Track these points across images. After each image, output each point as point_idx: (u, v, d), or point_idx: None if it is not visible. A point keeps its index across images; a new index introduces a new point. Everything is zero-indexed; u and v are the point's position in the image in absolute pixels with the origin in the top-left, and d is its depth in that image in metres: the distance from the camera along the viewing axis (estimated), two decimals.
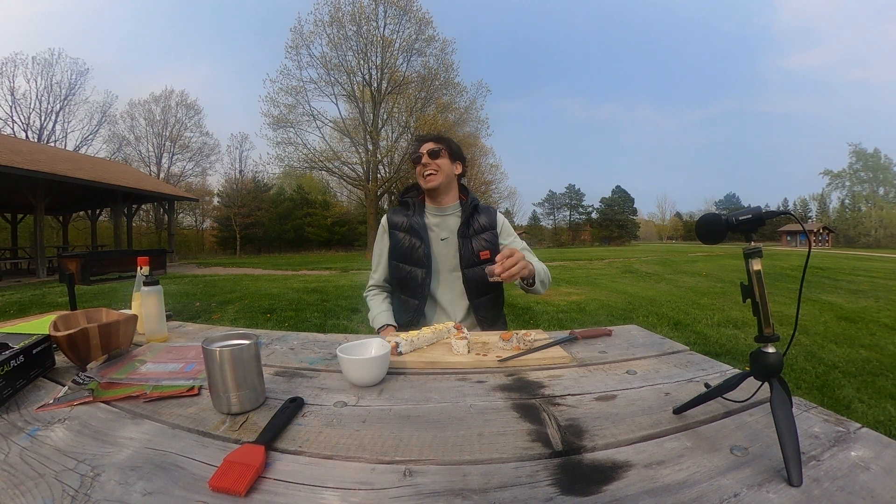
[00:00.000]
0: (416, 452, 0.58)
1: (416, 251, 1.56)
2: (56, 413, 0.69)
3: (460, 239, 1.57)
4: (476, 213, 1.61)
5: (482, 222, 1.60)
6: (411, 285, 1.58)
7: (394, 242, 1.61)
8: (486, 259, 1.54)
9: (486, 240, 1.58)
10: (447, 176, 1.57)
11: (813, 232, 48.53)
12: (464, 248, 1.56)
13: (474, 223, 1.59)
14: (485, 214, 1.62)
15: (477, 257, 1.55)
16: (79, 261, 9.47)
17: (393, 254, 1.62)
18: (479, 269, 1.51)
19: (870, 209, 54.91)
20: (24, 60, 31.45)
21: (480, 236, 1.58)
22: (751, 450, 0.57)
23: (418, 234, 1.56)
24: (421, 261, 1.56)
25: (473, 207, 1.61)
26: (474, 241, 1.57)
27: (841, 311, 5.48)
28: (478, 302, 1.57)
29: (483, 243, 1.57)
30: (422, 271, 1.55)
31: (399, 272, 1.60)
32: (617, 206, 69.07)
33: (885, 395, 2.67)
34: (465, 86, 26.00)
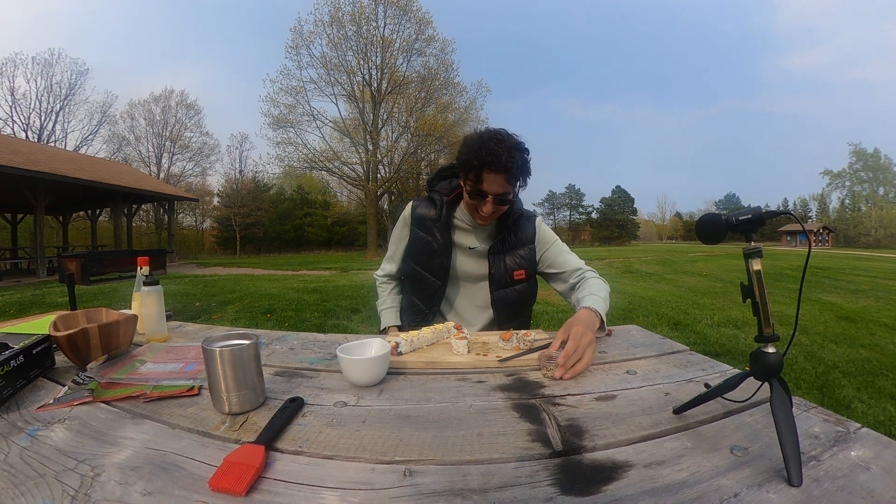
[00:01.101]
0: (416, 452, 0.58)
1: (435, 259, 1.37)
2: (56, 413, 0.69)
3: (492, 256, 1.35)
4: (516, 228, 1.37)
5: (519, 236, 1.37)
6: (423, 292, 1.42)
7: (413, 239, 1.42)
8: (520, 279, 1.36)
9: (523, 256, 1.37)
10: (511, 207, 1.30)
11: (813, 232, 48.54)
12: (495, 266, 1.35)
13: (510, 238, 1.36)
14: (525, 227, 1.38)
15: (510, 277, 1.35)
16: (79, 261, 9.47)
17: (410, 251, 1.43)
18: (512, 292, 1.36)
19: (870, 209, 54.92)
20: (24, 60, 31.47)
21: (516, 252, 1.36)
22: (751, 450, 0.57)
23: (441, 242, 1.36)
24: (438, 272, 1.38)
25: (514, 221, 1.36)
26: (508, 257, 1.35)
27: (841, 311, 5.48)
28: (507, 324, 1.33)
29: (518, 260, 1.36)
30: (437, 283, 1.38)
31: (414, 273, 1.43)
32: (617, 206, 69.08)
33: (885, 395, 2.67)
34: (465, 86, 26.03)
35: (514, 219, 1.36)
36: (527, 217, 1.40)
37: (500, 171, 1.17)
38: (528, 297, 1.42)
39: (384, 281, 1.57)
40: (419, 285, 1.43)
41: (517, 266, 1.36)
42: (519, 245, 1.36)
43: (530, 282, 1.41)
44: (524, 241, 1.37)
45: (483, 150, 1.17)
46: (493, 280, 1.36)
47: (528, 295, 1.41)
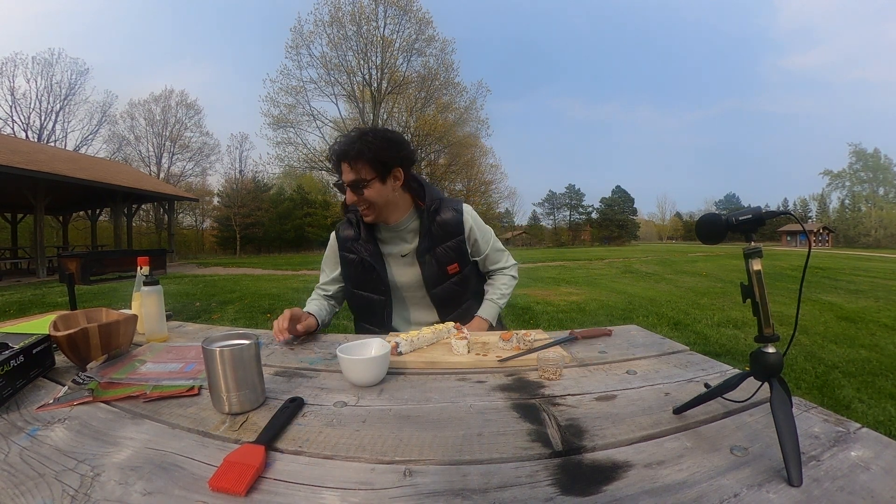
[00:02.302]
0: (416, 452, 0.58)
1: (370, 275, 1.34)
2: (56, 413, 0.69)
3: (420, 257, 1.32)
4: (437, 219, 1.32)
5: (446, 228, 1.33)
6: (372, 314, 1.39)
7: (345, 266, 1.39)
8: (454, 273, 1.34)
9: (453, 248, 1.33)
10: (386, 200, 1.25)
11: (813, 232, 48.57)
12: (426, 267, 1.33)
13: (436, 232, 1.32)
14: (448, 217, 1.33)
15: (444, 273, 1.34)
16: (79, 261, 9.47)
17: (347, 277, 1.41)
18: (449, 286, 1.35)
19: (870, 209, 54.94)
20: (24, 60, 31.49)
21: (445, 245, 1.33)
22: (751, 450, 0.57)
23: (369, 257, 1.33)
24: (377, 287, 1.35)
25: (433, 213, 1.32)
26: (439, 252, 1.32)
27: (841, 311, 5.48)
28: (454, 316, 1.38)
29: (449, 254, 1.33)
30: (380, 298, 1.36)
31: (358, 300, 1.40)
32: (617, 206, 69.09)
33: (885, 395, 2.67)
34: (465, 86, 26.08)
35: (431, 211, 1.31)
36: (451, 208, 1.35)
37: (342, 158, 1.20)
38: (466, 282, 1.40)
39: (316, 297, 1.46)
40: (365, 309, 1.41)
41: (449, 261, 1.33)
42: (446, 237, 1.33)
43: (465, 269, 1.38)
44: (451, 232, 1.33)
45: (335, 143, 1.24)
46: (427, 281, 1.34)
47: (466, 281, 1.40)
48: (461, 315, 1.40)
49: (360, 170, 1.20)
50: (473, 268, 1.45)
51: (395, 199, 1.28)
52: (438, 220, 1.32)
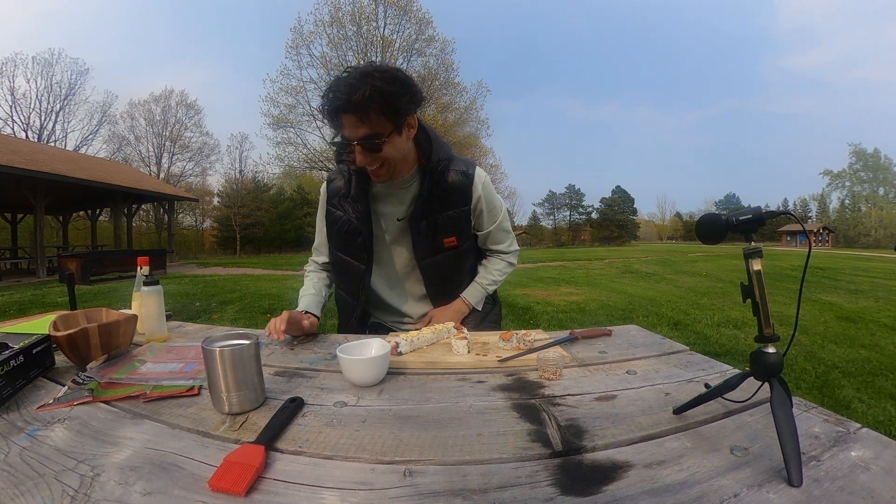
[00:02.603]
0: (416, 452, 0.58)
1: (354, 239, 1.19)
2: (56, 413, 0.69)
3: (414, 224, 1.15)
4: (442, 182, 1.12)
5: (451, 194, 1.14)
6: (348, 281, 1.25)
7: (330, 223, 1.23)
8: (451, 246, 1.18)
9: (454, 219, 1.16)
10: (403, 154, 1.08)
11: (813, 232, 48.56)
12: (420, 236, 1.16)
13: (438, 196, 1.13)
14: (455, 181, 1.13)
15: (440, 245, 1.17)
16: (79, 261, 9.47)
17: (331, 236, 1.25)
18: (442, 260, 1.19)
19: (870, 209, 54.95)
20: (24, 60, 31.51)
21: (447, 214, 1.15)
22: (751, 450, 0.57)
23: (356, 217, 1.17)
24: (359, 253, 1.19)
25: (440, 175, 1.12)
26: (438, 221, 1.15)
27: (841, 311, 5.48)
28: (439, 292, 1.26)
29: (449, 225, 1.16)
30: (360, 266, 1.21)
31: (336, 262, 1.26)
32: (617, 206, 69.10)
33: (885, 395, 2.67)
34: (465, 86, 26.03)
35: (438, 172, 1.12)
36: (461, 170, 1.15)
37: (348, 110, 0.95)
38: (462, 258, 1.27)
39: (312, 269, 1.37)
40: (343, 274, 1.26)
41: (447, 232, 1.16)
42: (449, 204, 1.15)
43: (464, 245, 1.24)
44: (457, 201, 1.15)
45: (330, 91, 0.96)
46: (418, 251, 1.18)
47: (461, 256, 1.26)
48: (450, 292, 1.30)
49: (373, 122, 0.97)
50: (473, 243, 1.30)
51: (408, 151, 1.08)
52: (444, 185, 1.13)
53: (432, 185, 1.12)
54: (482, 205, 1.21)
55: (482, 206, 1.21)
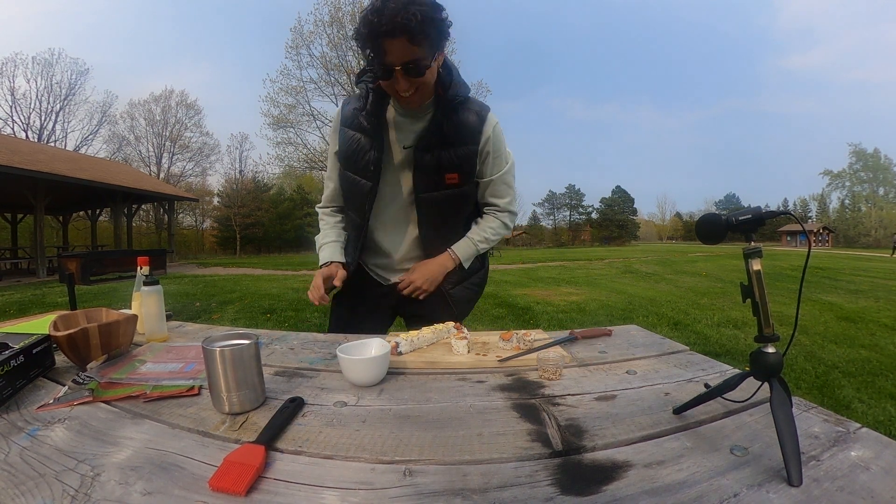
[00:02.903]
0: (416, 452, 0.58)
1: (364, 156, 1.18)
2: (56, 413, 0.69)
3: (419, 153, 1.15)
4: (454, 118, 1.14)
5: (460, 131, 1.14)
6: (355, 199, 1.26)
7: (342, 140, 1.23)
8: (452, 184, 1.18)
9: (460, 157, 1.15)
10: (433, 80, 1.09)
11: (813, 232, 48.58)
12: (422, 167, 1.16)
13: (448, 132, 1.14)
14: (466, 119, 1.15)
15: (441, 180, 1.17)
16: (79, 261, 9.47)
17: (341, 157, 1.25)
18: (441, 198, 1.20)
19: (870, 209, 54.96)
20: (24, 60, 31.54)
21: (453, 151, 1.15)
22: (751, 450, 0.57)
23: (370, 134, 1.17)
24: (367, 170, 1.19)
25: (453, 109, 1.14)
26: (443, 155, 1.15)
27: (841, 311, 5.49)
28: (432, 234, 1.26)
29: (454, 160, 1.15)
30: (367, 183, 1.21)
31: (345, 181, 1.26)
32: (617, 206, 69.11)
33: (885, 395, 2.67)
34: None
35: (452, 105, 1.13)
36: (475, 111, 1.16)
37: (397, 34, 0.94)
38: (461, 201, 1.25)
39: (327, 212, 1.39)
40: (350, 193, 1.27)
41: (450, 167, 1.15)
42: (458, 142, 1.15)
43: (466, 187, 1.23)
44: (465, 138, 1.15)
45: (372, 14, 0.95)
46: (418, 180, 1.18)
47: (461, 199, 1.25)
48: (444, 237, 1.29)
49: (422, 47, 0.97)
50: (475, 190, 1.28)
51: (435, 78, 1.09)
52: (455, 120, 1.14)
53: (444, 117, 1.13)
54: (489, 147, 1.19)
55: (489, 149, 1.20)
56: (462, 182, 1.20)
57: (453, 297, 1.33)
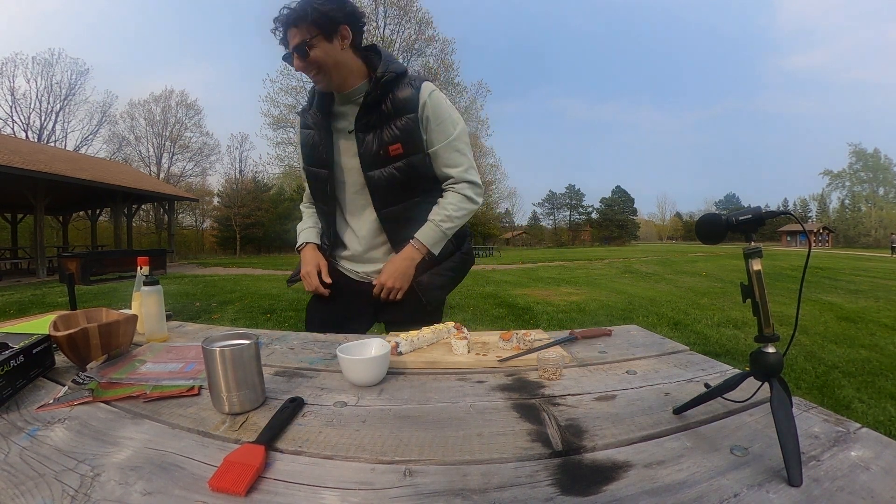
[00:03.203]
0: (416, 452, 0.58)
1: (317, 149, 1.29)
2: (56, 413, 0.69)
3: (360, 134, 1.22)
4: (390, 92, 1.20)
5: (398, 105, 1.19)
6: (317, 191, 1.35)
7: (301, 140, 1.34)
8: (397, 155, 1.20)
9: (400, 128, 1.19)
10: (335, 60, 1.16)
11: (813, 232, 48.57)
12: (363, 144, 1.22)
13: (385, 106, 1.19)
14: (403, 94, 1.20)
15: (385, 153, 1.20)
16: (79, 261, 9.47)
17: (303, 155, 1.36)
18: (389, 173, 1.22)
19: (870, 209, 54.97)
20: (24, 60, 31.56)
21: (393, 124, 1.19)
22: (751, 450, 0.57)
23: (318, 127, 1.28)
24: (321, 160, 1.29)
25: (384, 85, 1.19)
26: (385, 131, 1.20)
27: (841, 311, 5.49)
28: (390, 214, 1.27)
29: (394, 132, 1.19)
30: (323, 173, 1.30)
31: (308, 175, 1.36)
32: (617, 206, 69.13)
33: (885, 395, 2.67)
34: (465, 86, 26.06)
35: (385, 83, 1.18)
36: (409, 83, 1.21)
37: (287, 24, 1.13)
38: (410, 173, 1.24)
39: (305, 205, 1.50)
40: (314, 186, 1.36)
41: (392, 139, 1.18)
42: (395, 114, 1.19)
43: (413, 157, 1.23)
44: (402, 110, 1.19)
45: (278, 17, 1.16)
46: (364, 160, 1.22)
47: (409, 171, 1.23)
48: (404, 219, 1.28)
49: (304, 31, 1.13)
50: (425, 161, 1.26)
51: (346, 60, 1.18)
52: (392, 96, 1.20)
53: (382, 95, 1.19)
54: (428, 112, 1.21)
55: (428, 114, 1.21)
56: (407, 151, 1.21)
57: (420, 284, 1.30)
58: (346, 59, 1.18)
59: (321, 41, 1.13)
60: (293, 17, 1.12)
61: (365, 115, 1.21)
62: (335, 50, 1.15)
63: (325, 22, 1.12)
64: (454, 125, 1.25)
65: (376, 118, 1.20)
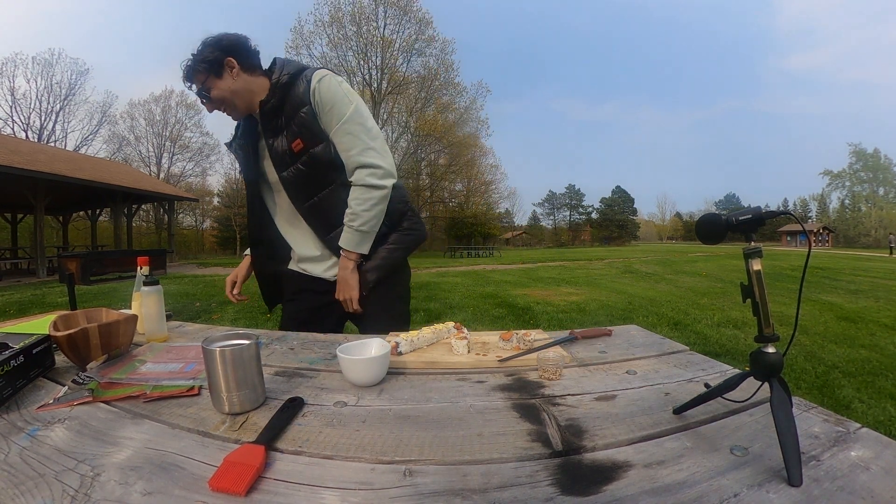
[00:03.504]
0: (416, 452, 0.58)
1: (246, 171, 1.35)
2: (56, 413, 0.69)
3: (269, 141, 1.25)
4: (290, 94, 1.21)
5: (294, 101, 1.20)
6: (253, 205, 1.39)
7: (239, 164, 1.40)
8: (301, 150, 1.22)
9: (298, 123, 1.20)
10: (232, 90, 1.20)
11: (813, 232, 48.59)
12: (273, 149, 1.25)
13: (289, 111, 1.21)
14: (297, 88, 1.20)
15: (291, 153, 1.22)
16: (79, 261, 9.47)
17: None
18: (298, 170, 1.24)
19: (870, 209, 54.97)
20: (24, 60, 31.52)
21: (292, 122, 1.21)
22: (751, 450, 0.57)
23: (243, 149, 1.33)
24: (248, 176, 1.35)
25: (282, 88, 1.20)
26: (288, 130, 1.22)
27: (841, 311, 5.49)
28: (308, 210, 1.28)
29: (294, 129, 1.21)
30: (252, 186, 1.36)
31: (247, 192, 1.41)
32: (617, 206, 69.14)
33: (885, 395, 2.67)
34: (465, 86, 26.14)
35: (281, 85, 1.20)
36: (305, 77, 1.21)
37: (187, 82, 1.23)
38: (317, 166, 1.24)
39: None
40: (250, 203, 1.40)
41: (293, 137, 1.21)
42: (293, 112, 1.20)
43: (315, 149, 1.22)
44: (299, 104, 1.20)
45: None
46: (276, 164, 1.26)
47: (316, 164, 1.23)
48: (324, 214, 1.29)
49: (198, 80, 1.21)
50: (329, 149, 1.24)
51: (243, 85, 1.21)
52: (289, 97, 1.21)
53: (277, 99, 1.21)
54: (318, 97, 1.20)
55: (318, 99, 1.20)
56: (307, 145, 1.22)
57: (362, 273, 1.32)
58: (243, 84, 1.22)
59: (214, 81, 1.20)
60: (187, 75, 1.22)
61: (269, 122, 1.24)
62: (228, 82, 1.20)
63: (210, 65, 1.19)
64: (347, 106, 1.22)
65: (280, 122, 1.23)
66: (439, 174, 30.73)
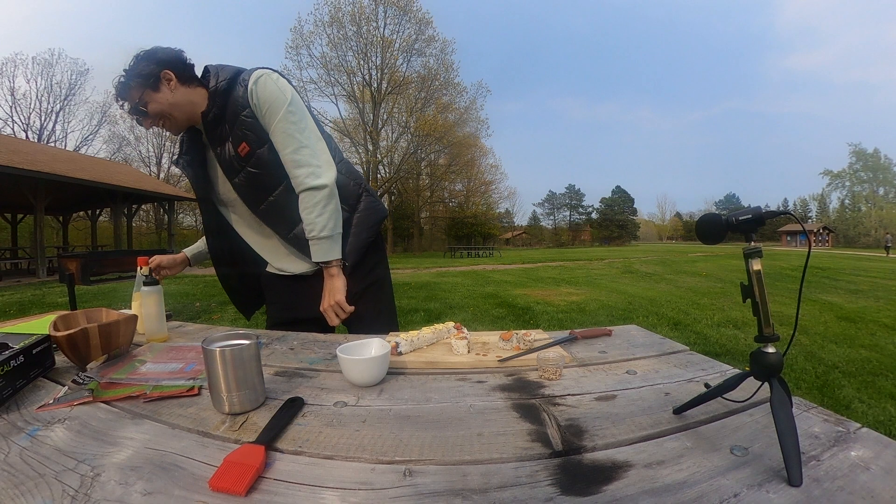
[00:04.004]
0: (416, 452, 0.58)
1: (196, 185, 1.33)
2: (56, 413, 0.69)
3: (215, 149, 1.23)
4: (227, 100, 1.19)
5: (234, 106, 1.18)
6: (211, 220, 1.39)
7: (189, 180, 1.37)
8: (247, 154, 1.20)
9: (240, 127, 1.18)
10: (170, 103, 1.17)
11: (813, 232, 48.60)
12: (220, 157, 1.23)
13: (227, 115, 1.19)
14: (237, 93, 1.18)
15: (238, 158, 1.20)
16: (79, 261, 9.48)
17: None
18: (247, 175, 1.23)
19: (870, 209, 54.97)
20: (24, 60, 31.50)
21: (235, 127, 1.19)
22: (751, 450, 0.57)
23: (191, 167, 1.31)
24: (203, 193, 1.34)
25: (221, 95, 1.18)
26: (232, 136, 1.20)
27: (841, 311, 5.49)
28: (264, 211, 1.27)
29: (239, 134, 1.18)
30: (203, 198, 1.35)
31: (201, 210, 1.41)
32: (617, 206, 69.15)
33: (885, 395, 2.67)
34: (465, 86, 26.14)
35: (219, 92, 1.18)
36: (240, 81, 1.19)
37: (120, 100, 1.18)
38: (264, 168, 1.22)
39: None
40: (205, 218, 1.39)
41: (238, 141, 1.19)
42: (235, 116, 1.18)
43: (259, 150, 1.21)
44: (240, 108, 1.17)
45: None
46: (226, 172, 1.24)
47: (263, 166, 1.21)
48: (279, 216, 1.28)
49: (132, 97, 1.16)
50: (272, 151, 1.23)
51: (181, 97, 1.18)
52: (230, 102, 1.18)
53: (217, 107, 1.19)
54: (255, 98, 1.17)
55: (255, 101, 1.18)
56: (253, 147, 1.20)
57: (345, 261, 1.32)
58: (181, 96, 1.19)
59: (150, 94, 1.16)
60: (120, 92, 1.17)
61: (213, 131, 1.22)
62: (167, 95, 1.17)
63: (145, 78, 1.15)
64: (282, 102, 1.19)
65: (224, 129, 1.20)
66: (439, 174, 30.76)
